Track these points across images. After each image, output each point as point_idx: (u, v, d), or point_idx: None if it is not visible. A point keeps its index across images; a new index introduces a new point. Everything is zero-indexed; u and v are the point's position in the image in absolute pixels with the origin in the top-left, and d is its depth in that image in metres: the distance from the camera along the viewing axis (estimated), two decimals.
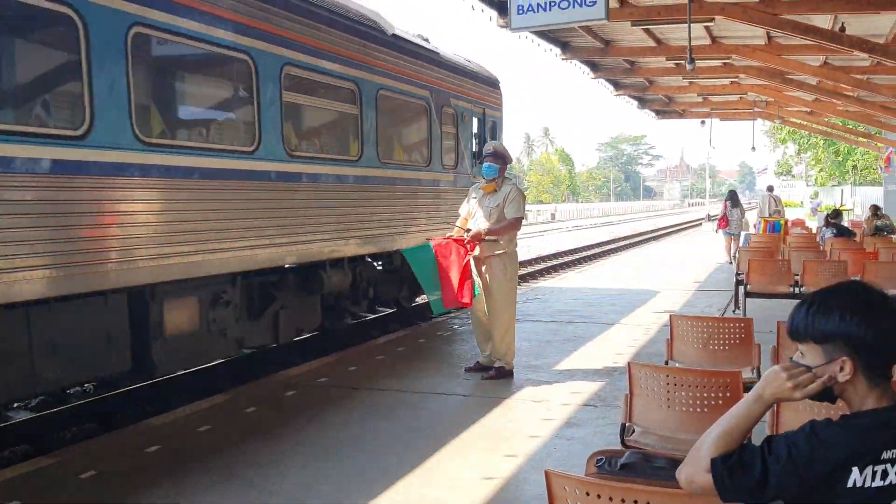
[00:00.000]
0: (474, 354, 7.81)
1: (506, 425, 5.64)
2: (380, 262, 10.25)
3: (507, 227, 7.09)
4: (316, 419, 5.80)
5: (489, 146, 7.43)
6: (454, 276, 7.00)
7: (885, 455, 1.74)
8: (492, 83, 13.39)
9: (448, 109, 11.28)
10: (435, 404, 6.24)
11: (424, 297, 9.10)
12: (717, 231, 19.38)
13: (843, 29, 11.87)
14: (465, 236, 7.10)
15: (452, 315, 10.58)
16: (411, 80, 10.14)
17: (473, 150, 12.14)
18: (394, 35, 9.75)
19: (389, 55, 9.53)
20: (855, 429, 1.78)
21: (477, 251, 7.10)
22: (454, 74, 11.58)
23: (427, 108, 10.65)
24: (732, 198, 18.97)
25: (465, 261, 7.01)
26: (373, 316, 11.37)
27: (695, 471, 1.89)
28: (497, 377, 7.00)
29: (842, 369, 1.85)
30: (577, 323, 9.87)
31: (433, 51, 10.94)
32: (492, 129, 13.07)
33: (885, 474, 1.73)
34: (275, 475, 4.63)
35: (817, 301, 1.92)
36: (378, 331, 10.64)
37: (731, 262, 17.15)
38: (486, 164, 7.25)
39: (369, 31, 9.11)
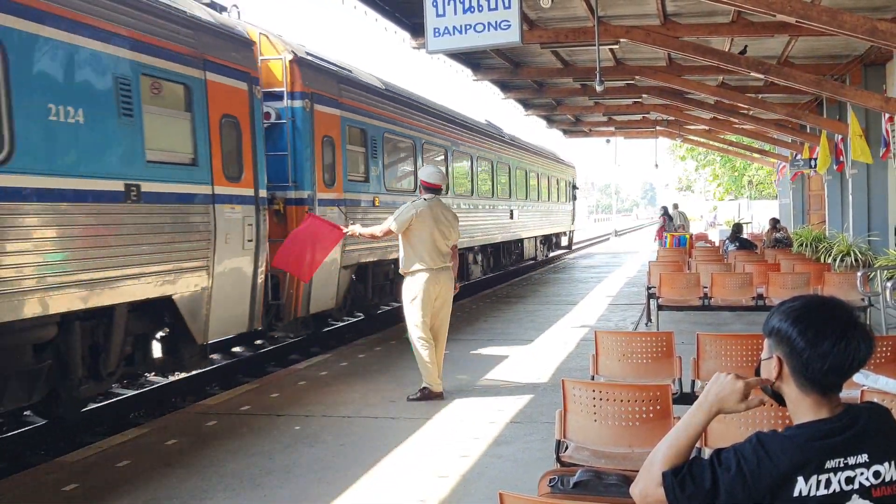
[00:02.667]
0: (397, 376, 7.80)
1: (435, 446, 5.63)
2: None
3: (371, 231, 7.40)
4: (240, 449, 5.65)
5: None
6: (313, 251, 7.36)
7: (829, 464, 1.81)
8: (573, 166, 30.08)
9: (564, 179, 27.50)
10: (362, 428, 6.17)
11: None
12: (655, 241, 23.30)
13: (744, 51, 12.45)
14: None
15: (376, 337, 10.54)
16: (560, 172, 26.49)
17: (571, 194, 28.88)
18: (558, 156, 26.59)
19: (559, 165, 26.62)
20: (798, 439, 1.85)
21: None
22: (567, 166, 28.41)
23: (567, 180, 27.88)
24: (667, 213, 22.02)
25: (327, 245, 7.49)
26: (291, 339, 11.21)
27: (648, 485, 1.94)
28: (420, 399, 6.95)
29: (774, 366, 1.94)
30: (499, 340, 9.95)
31: (563, 159, 27.58)
32: (574, 185, 29.62)
33: (829, 483, 1.81)
34: None
35: (785, 301, 2.01)
36: (299, 354, 10.48)
37: None
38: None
39: (558, 157, 26.88)
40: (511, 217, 19.68)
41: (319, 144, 9.62)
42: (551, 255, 27.41)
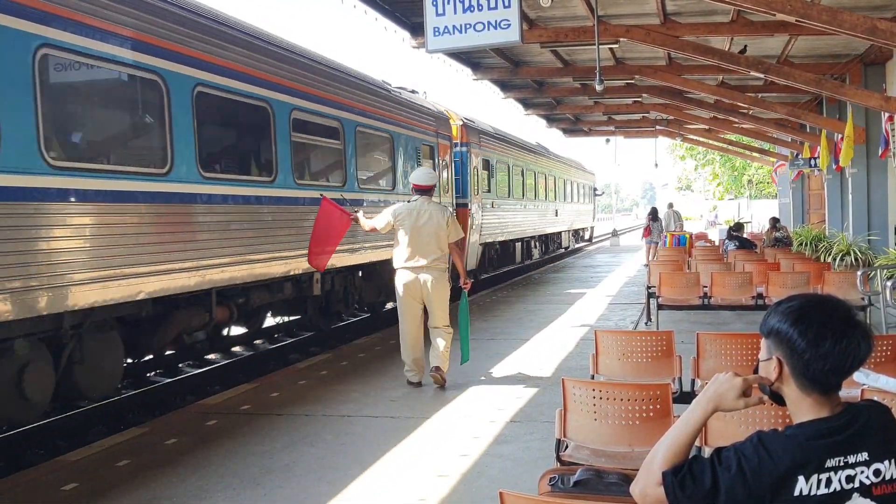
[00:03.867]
0: (397, 376, 7.81)
1: (435, 445, 5.63)
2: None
3: (364, 223, 7.88)
4: (241, 448, 5.65)
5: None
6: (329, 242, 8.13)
7: (829, 463, 1.81)
8: (594, 173, 36.78)
9: (587, 184, 34.33)
10: (362, 427, 6.18)
11: None
12: (642, 238, 24.24)
13: (744, 50, 12.43)
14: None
15: (377, 337, 10.55)
16: (585, 179, 33.43)
17: (592, 196, 35.79)
18: (583, 166, 34.14)
19: (584, 173, 34.35)
20: (799, 438, 1.84)
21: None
22: (589, 173, 35.21)
23: (589, 185, 34.84)
24: (654, 213, 22.84)
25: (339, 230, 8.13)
26: (291, 339, 11.22)
27: (647, 485, 1.93)
28: (408, 383, 7.59)
29: (774, 367, 1.93)
30: (499, 339, 9.95)
31: (586, 168, 34.62)
32: (595, 189, 36.60)
33: (829, 482, 1.80)
34: None
35: (782, 300, 2.00)
36: (299, 354, 10.49)
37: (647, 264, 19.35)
38: None
39: (583, 167, 34.16)
40: (556, 215, 26.86)
41: (472, 172, 16.52)
42: (577, 245, 34.19)
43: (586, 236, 36.81)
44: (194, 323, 8.01)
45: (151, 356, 8.80)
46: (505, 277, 19.85)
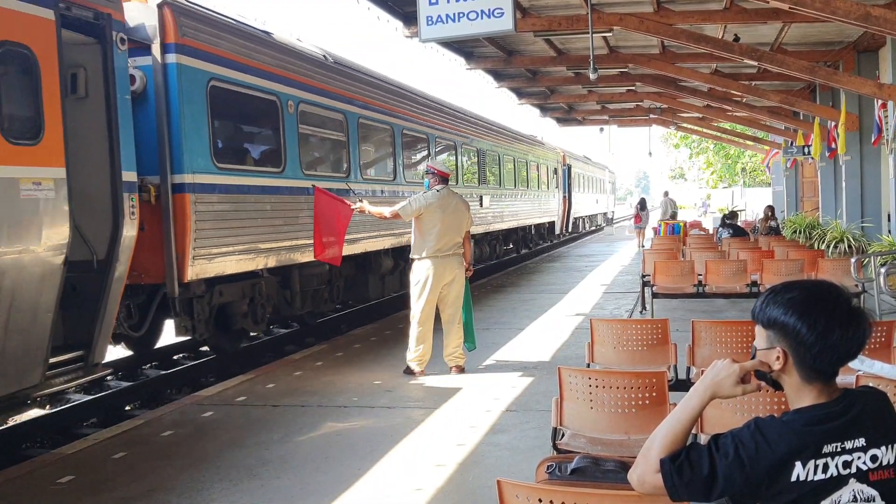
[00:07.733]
0: (393, 366, 7.81)
1: (432, 434, 5.64)
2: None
3: (380, 211, 7.85)
4: (237, 440, 5.64)
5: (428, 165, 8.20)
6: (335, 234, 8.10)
7: (826, 449, 1.81)
8: (614, 171, 53.60)
9: (610, 180, 47.67)
10: (358, 417, 6.17)
11: None
12: (633, 225, 28.16)
13: (737, 39, 12.41)
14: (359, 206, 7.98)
15: (372, 327, 10.54)
16: (608, 176, 46.48)
17: (613, 187, 52.58)
18: (608, 167, 47.21)
19: (608, 172, 47.08)
20: (796, 424, 1.85)
21: None
22: (611, 172, 49.31)
23: (611, 181, 48.59)
24: (642, 203, 26.30)
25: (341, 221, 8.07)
26: (286, 330, 11.21)
27: (645, 472, 1.93)
28: (406, 373, 7.53)
29: (778, 358, 1.93)
30: (493, 329, 9.96)
31: (610, 168, 48.34)
32: (613, 183, 52.42)
33: (826, 467, 1.81)
34: (199, 501, 4.48)
35: (778, 289, 1.99)
36: (294, 345, 10.47)
37: (641, 248, 22.82)
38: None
39: (608, 167, 47.61)
40: (597, 203, 39.54)
41: (570, 177, 29.53)
42: (602, 224, 45.50)
43: (609, 217, 49.51)
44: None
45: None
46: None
